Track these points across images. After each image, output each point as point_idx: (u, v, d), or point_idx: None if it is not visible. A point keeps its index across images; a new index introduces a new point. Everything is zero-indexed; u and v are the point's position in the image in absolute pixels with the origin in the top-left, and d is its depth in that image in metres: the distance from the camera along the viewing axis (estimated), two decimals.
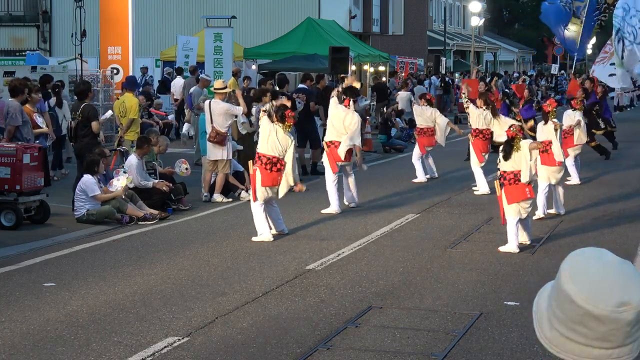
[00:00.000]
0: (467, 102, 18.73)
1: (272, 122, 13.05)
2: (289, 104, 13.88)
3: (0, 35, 46.19)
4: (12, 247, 12.50)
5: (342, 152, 15.36)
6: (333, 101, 15.60)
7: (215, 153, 16.34)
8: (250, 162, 13.40)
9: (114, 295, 9.77)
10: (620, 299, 2.22)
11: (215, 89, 16.80)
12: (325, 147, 15.85)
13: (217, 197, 16.52)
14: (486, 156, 18.07)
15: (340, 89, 15.87)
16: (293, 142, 13.20)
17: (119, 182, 14.63)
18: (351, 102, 15.51)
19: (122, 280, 10.46)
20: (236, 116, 16.71)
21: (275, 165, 12.96)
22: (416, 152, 19.59)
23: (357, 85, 16.52)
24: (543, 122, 15.28)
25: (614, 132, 25.53)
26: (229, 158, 16.40)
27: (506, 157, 12.19)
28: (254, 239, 12.88)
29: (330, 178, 15.48)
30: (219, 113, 16.20)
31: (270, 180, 12.97)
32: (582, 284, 2.25)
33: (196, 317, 8.88)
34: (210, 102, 16.50)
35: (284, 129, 13.00)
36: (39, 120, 15.69)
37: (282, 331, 8.44)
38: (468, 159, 22.83)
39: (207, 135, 16.34)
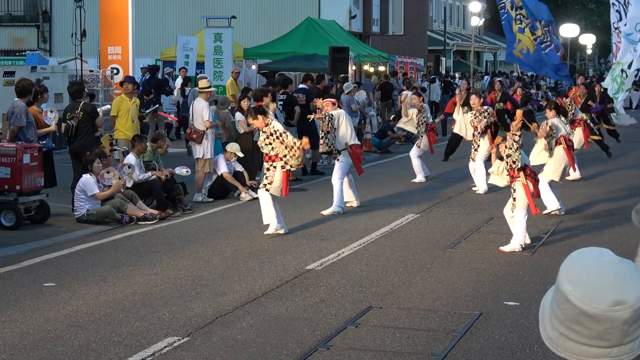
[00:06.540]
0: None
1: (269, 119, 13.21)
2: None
3: (0, 35, 46.20)
4: (12, 247, 12.49)
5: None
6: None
7: (195, 151, 16.54)
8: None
9: (114, 295, 9.76)
10: (615, 298, 2.22)
11: (200, 88, 17.02)
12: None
13: (198, 196, 16.47)
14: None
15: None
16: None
17: (112, 175, 14.62)
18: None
19: (122, 280, 10.45)
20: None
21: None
22: (417, 150, 19.37)
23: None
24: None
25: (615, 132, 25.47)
26: (208, 157, 16.39)
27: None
28: (266, 232, 13.10)
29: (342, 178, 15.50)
30: (198, 112, 16.39)
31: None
32: (577, 283, 2.26)
33: (196, 317, 8.87)
34: (194, 100, 16.99)
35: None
36: (48, 118, 15.49)
37: (282, 331, 8.44)
38: (446, 159, 22.79)
39: (185, 133, 16.62)
